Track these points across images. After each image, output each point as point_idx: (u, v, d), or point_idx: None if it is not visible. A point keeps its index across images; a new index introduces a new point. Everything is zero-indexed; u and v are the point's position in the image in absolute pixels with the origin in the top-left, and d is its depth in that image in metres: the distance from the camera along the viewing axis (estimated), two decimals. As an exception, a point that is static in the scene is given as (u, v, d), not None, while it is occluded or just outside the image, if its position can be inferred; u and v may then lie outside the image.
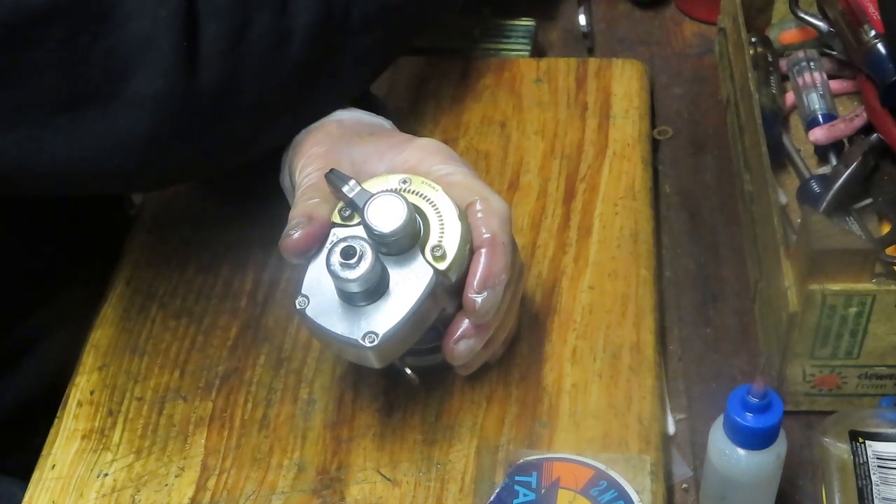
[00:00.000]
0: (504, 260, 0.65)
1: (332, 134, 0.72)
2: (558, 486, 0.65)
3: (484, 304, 0.64)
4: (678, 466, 0.71)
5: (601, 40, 1.04)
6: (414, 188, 0.65)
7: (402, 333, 0.63)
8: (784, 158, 0.88)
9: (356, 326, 0.63)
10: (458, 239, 0.64)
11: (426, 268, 0.63)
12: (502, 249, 0.65)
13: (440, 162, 0.68)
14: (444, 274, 0.63)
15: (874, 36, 0.82)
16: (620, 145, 0.88)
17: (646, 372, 0.72)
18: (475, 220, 0.65)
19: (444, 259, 0.63)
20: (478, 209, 0.65)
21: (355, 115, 0.74)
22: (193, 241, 0.83)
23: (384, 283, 0.63)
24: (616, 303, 0.77)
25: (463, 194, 0.66)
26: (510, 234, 0.66)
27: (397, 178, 0.66)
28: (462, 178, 0.67)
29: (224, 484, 0.68)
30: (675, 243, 0.85)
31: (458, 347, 0.66)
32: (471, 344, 0.66)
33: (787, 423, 0.63)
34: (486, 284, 0.64)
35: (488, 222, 0.65)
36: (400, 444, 0.69)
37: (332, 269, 0.61)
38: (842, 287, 0.66)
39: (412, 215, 0.63)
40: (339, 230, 0.65)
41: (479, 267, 0.64)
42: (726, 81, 0.93)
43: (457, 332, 0.66)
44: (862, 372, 0.71)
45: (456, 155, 0.69)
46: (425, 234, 0.64)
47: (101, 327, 0.77)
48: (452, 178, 0.67)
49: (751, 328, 0.79)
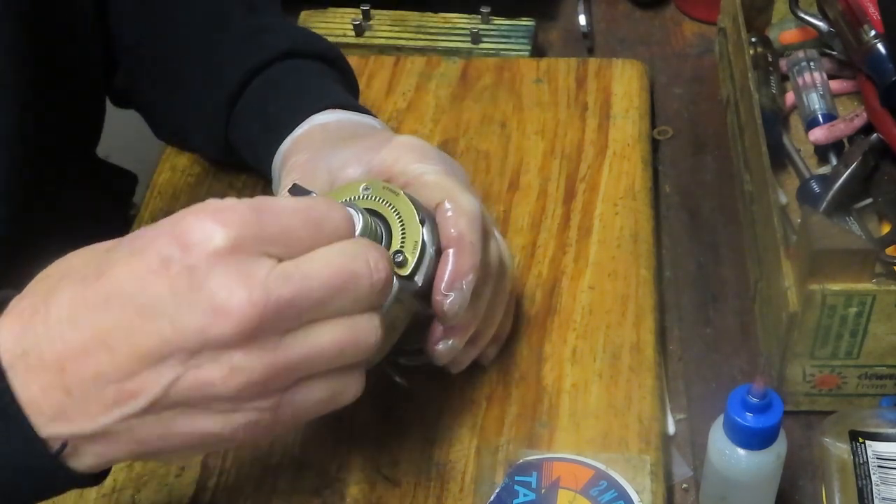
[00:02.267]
0: (471, 260, 0.64)
1: (314, 140, 0.72)
2: (558, 486, 0.65)
3: (452, 305, 0.63)
4: (678, 466, 0.71)
5: (601, 40, 1.04)
6: (375, 194, 0.64)
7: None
8: (784, 158, 0.88)
9: None
10: (420, 244, 0.63)
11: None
12: (470, 249, 0.64)
13: (415, 160, 0.67)
14: (406, 280, 0.63)
15: (874, 36, 0.82)
16: (620, 145, 0.88)
17: (646, 372, 0.72)
18: (444, 219, 0.64)
19: (404, 266, 0.63)
20: (446, 208, 0.64)
21: (340, 116, 0.74)
22: (193, 241, 0.83)
23: None
24: (616, 303, 0.77)
25: (433, 194, 0.65)
26: (480, 232, 0.65)
27: (360, 185, 0.65)
28: (433, 178, 0.66)
29: (224, 484, 0.68)
30: (675, 243, 0.85)
31: (438, 349, 0.66)
32: (450, 345, 0.66)
33: (787, 423, 0.63)
34: (452, 285, 0.63)
35: (456, 222, 0.64)
36: (400, 444, 0.69)
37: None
38: (842, 287, 0.66)
39: (367, 227, 0.61)
40: None
41: (447, 268, 0.63)
42: (726, 81, 0.93)
43: (435, 333, 0.66)
44: (862, 372, 0.71)
45: (434, 151, 0.69)
46: (387, 242, 0.63)
47: (101, 327, 0.77)
48: (425, 177, 0.66)
49: (751, 328, 0.79)
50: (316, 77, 0.80)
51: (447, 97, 0.93)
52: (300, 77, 0.79)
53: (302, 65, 0.80)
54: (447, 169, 0.68)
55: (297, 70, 0.80)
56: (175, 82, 0.84)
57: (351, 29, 1.01)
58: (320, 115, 0.75)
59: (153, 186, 0.88)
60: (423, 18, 1.02)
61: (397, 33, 1.01)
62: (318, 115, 0.75)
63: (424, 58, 0.97)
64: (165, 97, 0.85)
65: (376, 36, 1.01)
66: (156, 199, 0.87)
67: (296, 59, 0.80)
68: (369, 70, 0.96)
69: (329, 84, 0.79)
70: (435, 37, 1.01)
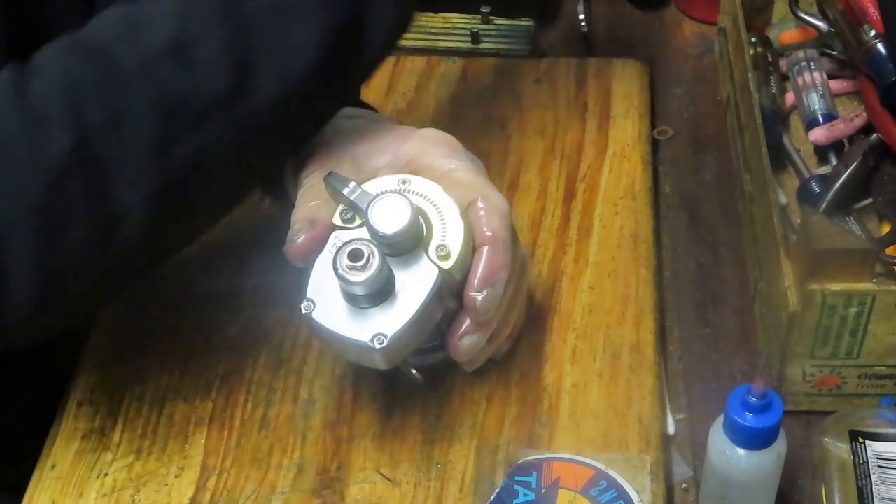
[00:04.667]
0: (504, 258, 0.65)
1: (334, 131, 0.71)
2: (558, 486, 0.65)
3: (484, 301, 0.64)
4: (678, 466, 0.71)
5: (601, 40, 1.04)
6: (414, 188, 0.65)
7: (410, 334, 0.63)
8: (784, 158, 0.88)
9: (364, 329, 0.63)
10: (462, 238, 0.64)
11: (431, 268, 0.63)
12: (503, 247, 0.65)
13: (443, 155, 0.67)
14: (448, 273, 0.63)
15: (874, 36, 0.82)
16: (620, 145, 0.88)
17: (646, 372, 0.72)
18: (476, 218, 0.65)
19: (448, 258, 0.63)
20: (479, 206, 0.65)
21: (353, 111, 0.74)
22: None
23: (390, 284, 0.63)
24: (616, 303, 0.77)
25: (465, 192, 0.66)
26: (511, 230, 0.66)
27: (397, 178, 0.66)
28: (464, 176, 0.67)
29: (224, 484, 0.68)
30: (675, 243, 0.85)
31: (461, 344, 0.66)
32: (474, 340, 0.67)
33: (787, 423, 0.63)
34: (486, 282, 0.64)
35: (489, 220, 0.65)
36: (400, 444, 0.69)
37: (340, 272, 0.61)
38: (842, 287, 0.66)
39: (416, 216, 0.62)
40: (340, 233, 0.65)
41: (480, 265, 0.64)
42: (726, 81, 0.93)
43: (460, 328, 0.66)
44: (862, 372, 0.71)
45: (459, 146, 0.69)
46: (428, 234, 0.64)
47: (101, 327, 0.77)
48: (455, 174, 0.66)
49: (751, 328, 0.79)
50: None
51: (447, 97, 0.93)
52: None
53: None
54: (474, 166, 0.68)
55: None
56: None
57: (351, 29, 1.01)
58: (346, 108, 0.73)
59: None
60: (423, 18, 1.02)
61: (397, 33, 1.01)
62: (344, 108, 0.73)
63: (424, 58, 0.97)
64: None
65: (376, 36, 1.01)
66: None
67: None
68: (369, 70, 0.96)
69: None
70: (435, 37, 1.01)
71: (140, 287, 0.79)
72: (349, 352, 0.65)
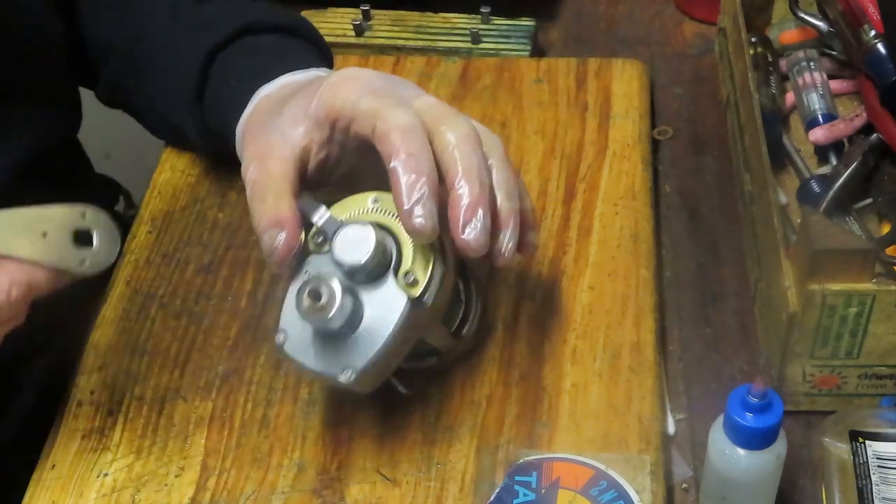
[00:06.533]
0: (415, 166, 0.60)
1: (262, 114, 0.70)
2: (558, 486, 0.65)
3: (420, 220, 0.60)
4: (678, 466, 0.71)
5: (601, 40, 1.04)
6: (385, 206, 0.63)
7: (381, 365, 0.63)
8: (784, 158, 0.88)
9: (334, 361, 0.62)
10: (431, 262, 0.62)
11: (400, 296, 0.62)
12: (409, 162, 0.60)
13: (354, 92, 0.64)
14: (418, 300, 0.62)
15: (874, 36, 0.82)
16: (620, 145, 0.88)
17: (646, 372, 0.72)
18: (382, 146, 0.61)
19: (416, 286, 0.62)
20: (377, 131, 0.61)
21: (288, 80, 0.72)
22: (193, 241, 0.83)
23: (358, 315, 0.62)
24: (616, 303, 0.77)
25: (365, 123, 0.62)
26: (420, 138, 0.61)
27: (370, 197, 0.64)
28: (366, 105, 0.63)
29: (224, 484, 0.68)
30: (675, 243, 0.85)
31: (467, 237, 0.61)
32: (479, 225, 0.61)
33: (787, 423, 0.63)
34: (411, 198, 0.60)
35: (386, 142, 0.61)
36: (400, 444, 0.69)
37: (303, 312, 0.60)
38: (842, 287, 0.66)
39: (380, 245, 0.61)
40: (314, 259, 0.64)
41: (397, 189, 0.60)
42: (726, 81, 0.93)
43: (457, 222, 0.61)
44: (862, 372, 0.71)
45: (375, 76, 0.65)
46: (398, 258, 0.62)
47: (101, 327, 0.77)
48: (358, 106, 0.63)
49: (751, 328, 0.79)
50: (266, 51, 0.77)
51: (447, 97, 0.93)
52: (249, 55, 0.77)
53: (255, 41, 0.78)
54: (386, 88, 0.64)
55: (248, 48, 0.78)
56: (148, 79, 0.83)
57: (351, 29, 1.01)
58: (266, 86, 0.73)
59: (153, 186, 0.88)
60: (423, 18, 1.02)
61: (397, 33, 1.01)
62: (265, 87, 0.72)
63: (424, 58, 0.97)
64: (143, 95, 0.85)
65: (376, 36, 1.01)
66: (156, 199, 0.86)
67: (252, 35, 0.78)
68: (369, 70, 0.96)
69: (277, 54, 0.77)
70: (435, 37, 1.01)
71: (140, 287, 0.80)
72: (322, 381, 0.65)
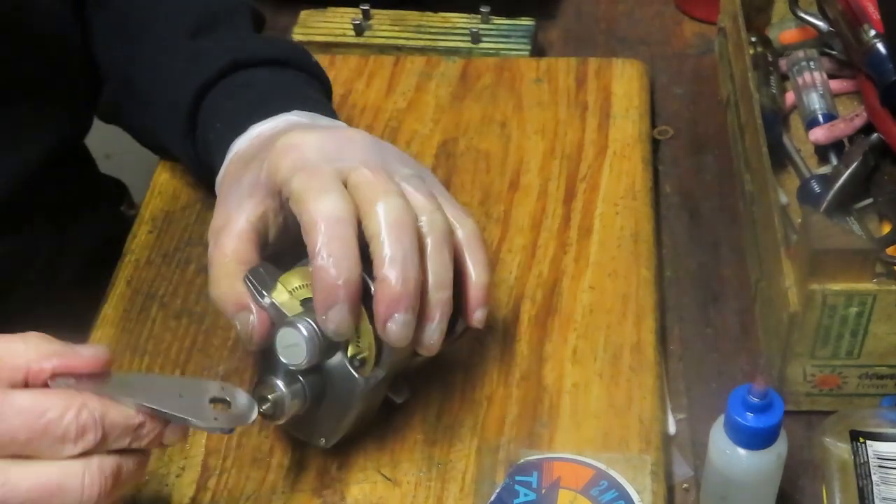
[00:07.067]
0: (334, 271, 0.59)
1: (231, 174, 0.70)
2: (559, 486, 0.65)
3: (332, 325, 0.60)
4: (679, 466, 0.71)
5: (601, 40, 1.04)
6: None
7: (355, 425, 0.66)
8: (784, 158, 0.88)
9: (309, 430, 0.66)
10: (375, 340, 0.63)
11: (352, 376, 0.63)
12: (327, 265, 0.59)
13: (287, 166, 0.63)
14: (373, 375, 0.64)
15: (874, 36, 0.82)
16: (620, 145, 0.88)
17: (646, 372, 0.72)
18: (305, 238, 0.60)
19: (365, 366, 0.63)
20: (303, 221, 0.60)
21: (253, 133, 0.72)
22: (193, 241, 0.83)
23: (321, 391, 0.64)
24: (616, 303, 0.77)
25: (296, 208, 0.61)
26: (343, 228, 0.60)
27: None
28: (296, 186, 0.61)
29: (224, 484, 0.68)
30: (675, 243, 0.85)
31: (390, 328, 0.61)
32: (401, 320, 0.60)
33: (787, 422, 0.63)
34: (325, 305, 0.60)
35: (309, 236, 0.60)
36: (400, 444, 0.69)
37: (262, 413, 0.62)
38: (842, 287, 0.66)
39: (314, 344, 0.61)
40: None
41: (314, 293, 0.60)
42: (726, 81, 0.93)
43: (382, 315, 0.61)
44: (862, 372, 0.71)
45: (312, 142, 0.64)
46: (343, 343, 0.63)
47: (101, 327, 0.77)
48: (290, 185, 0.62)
49: (751, 328, 0.79)
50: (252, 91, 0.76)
51: (447, 97, 0.93)
52: (235, 95, 0.76)
53: (247, 76, 0.77)
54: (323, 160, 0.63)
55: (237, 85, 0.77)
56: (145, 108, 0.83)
57: (351, 29, 1.01)
58: (238, 140, 0.72)
59: (153, 186, 0.88)
60: (423, 18, 1.02)
61: (397, 33, 1.01)
62: (238, 140, 0.73)
63: (424, 57, 0.97)
64: (141, 122, 0.85)
65: (376, 36, 1.01)
66: (156, 199, 0.86)
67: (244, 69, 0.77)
68: (369, 70, 0.96)
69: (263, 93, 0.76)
70: (435, 36, 1.01)
71: (140, 287, 0.79)
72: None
